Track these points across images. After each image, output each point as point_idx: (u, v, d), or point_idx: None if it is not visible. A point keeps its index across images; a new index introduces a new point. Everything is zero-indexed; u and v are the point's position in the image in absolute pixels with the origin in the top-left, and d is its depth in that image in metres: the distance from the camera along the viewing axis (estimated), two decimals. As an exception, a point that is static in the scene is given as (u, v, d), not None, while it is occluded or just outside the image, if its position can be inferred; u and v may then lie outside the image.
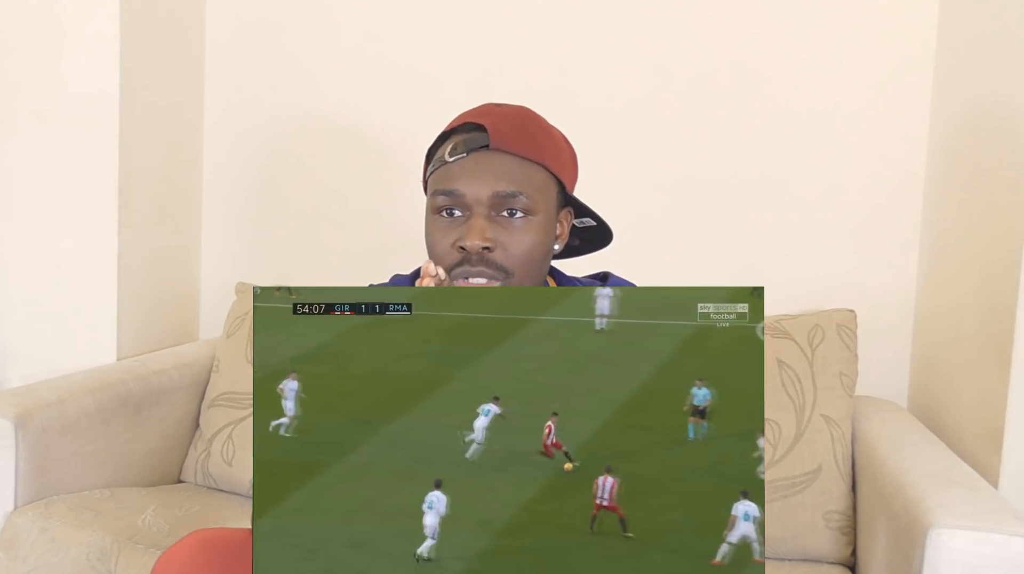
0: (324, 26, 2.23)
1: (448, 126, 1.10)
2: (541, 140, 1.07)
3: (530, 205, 1.04)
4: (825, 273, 1.95)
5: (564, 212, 1.12)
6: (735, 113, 1.98)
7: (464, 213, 1.04)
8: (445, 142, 1.08)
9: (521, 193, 1.03)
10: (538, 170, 1.05)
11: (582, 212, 1.15)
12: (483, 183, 1.02)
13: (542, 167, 1.06)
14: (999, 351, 1.44)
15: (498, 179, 1.02)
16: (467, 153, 1.03)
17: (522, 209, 1.04)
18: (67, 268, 2.06)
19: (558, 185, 1.09)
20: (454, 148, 1.04)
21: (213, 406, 2.00)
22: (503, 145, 1.03)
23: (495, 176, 1.02)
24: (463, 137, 1.05)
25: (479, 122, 1.05)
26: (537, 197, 1.05)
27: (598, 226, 1.17)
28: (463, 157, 1.03)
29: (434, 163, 1.08)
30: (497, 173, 1.02)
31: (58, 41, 2.01)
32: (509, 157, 1.03)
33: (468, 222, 1.03)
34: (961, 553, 1.14)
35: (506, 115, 1.07)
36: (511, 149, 1.03)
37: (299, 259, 2.29)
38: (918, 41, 1.88)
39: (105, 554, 1.55)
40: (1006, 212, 1.48)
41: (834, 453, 1.66)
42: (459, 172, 1.03)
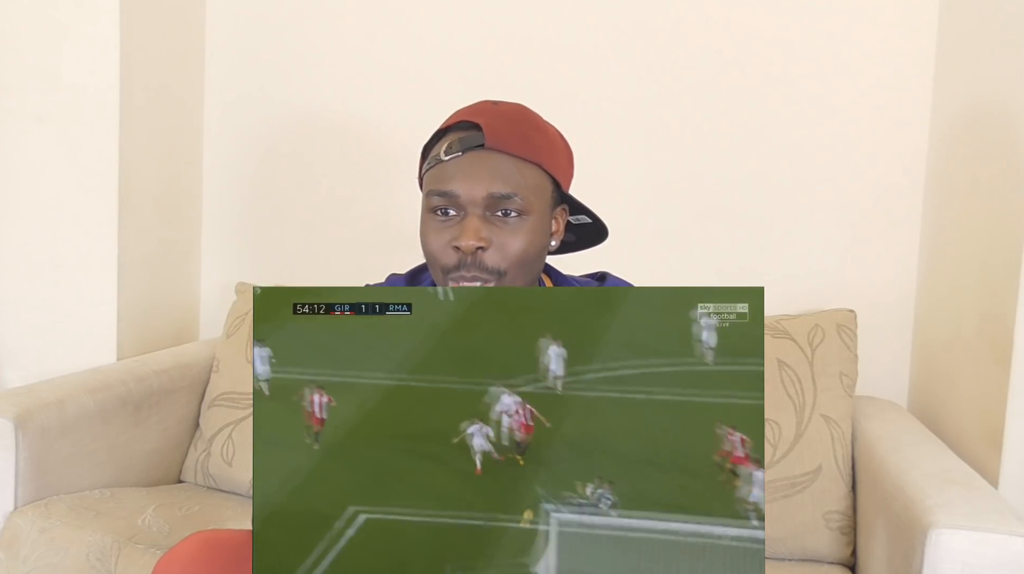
0: (324, 26, 2.23)
1: (444, 124, 1.09)
2: (537, 139, 1.06)
3: (525, 206, 1.03)
4: (825, 273, 1.95)
5: (559, 210, 1.12)
6: (734, 112, 1.98)
7: (459, 213, 1.04)
8: (440, 140, 1.07)
9: (516, 194, 1.02)
10: (533, 170, 1.05)
11: (577, 210, 1.14)
12: (478, 184, 1.02)
13: (537, 167, 1.05)
14: (999, 351, 1.44)
15: (493, 180, 1.02)
16: (462, 152, 1.03)
17: (517, 210, 1.03)
18: (67, 268, 2.06)
19: (553, 183, 1.09)
20: (449, 147, 1.04)
21: (213, 406, 2.00)
22: (498, 145, 1.02)
23: (490, 177, 1.02)
24: (458, 136, 1.04)
25: (475, 121, 1.04)
26: (532, 197, 1.04)
27: (594, 223, 1.17)
28: (458, 156, 1.03)
29: (429, 161, 1.07)
30: (492, 174, 1.02)
31: (58, 41, 2.01)
32: (504, 157, 1.03)
33: (463, 222, 1.03)
34: (961, 553, 1.14)
35: (502, 113, 1.06)
36: (506, 149, 1.03)
37: (299, 259, 2.29)
38: (918, 41, 1.88)
39: (105, 554, 1.55)
40: (1006, 212, 1.48)
41: (834, 453, 1.66)
42: (454, 172, 1.03)
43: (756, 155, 1.98)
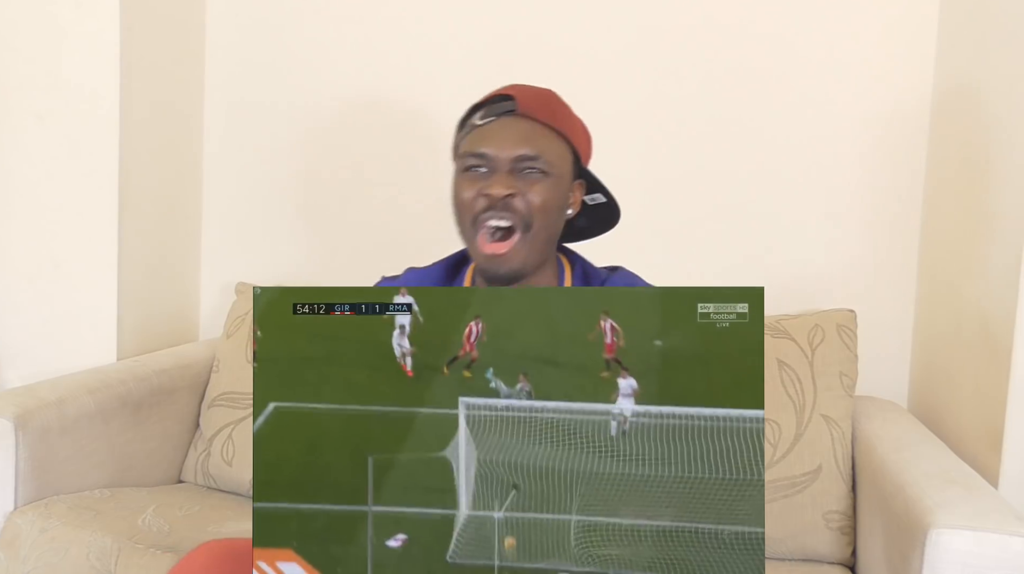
0: (324, 26, 2.23)
1: (479, 100, 1.19)
2: (561, 113, 1.18)
3: (548, 168, 1.13)
4: (825, 273, 1.95)
5: (577, 183, 1.21)
6: (735, 112, 1.98)
7: (489, 170, 1.13)
8: (476, 111, 1.18)
9: (541, 156, 1.12)
10: (557, 138, 1.15)
11: (593, 188, 1.23)
12: (507, 145, 1.12)
13: (561, 137, 1.16)
14: (999, 351, 1.44)
15: (522, 142, 1.12)
16: (495, 117, 1.14)
17: (540, 170, 1.13)
18: (67, 268, 2.06)
19: (574, 155, 1.18)
20: (483, 114, 1.16)
21: (213, 406, 2.00)
22: (528, 112, 1.14)
23: (519, 139, 1.12)
24: (492, 106, 1.16)
25: (508, 93, 1.16)
26: (555, 162, 1.14)
27: (607, 204, 1.24)
28: (492, 121, 1.14)
29: (465, 129, 1.18)
30: (521, 137, 1.12)
31: (58, 41, 2.01)
32: (533, 123, 1.14)
33: (492, 176, 1.13)
34: (961, 553, 1.14)
35: (533, 89, 1.19)
36: (536, 116, 1.14)
37: (299, 259, 2.29)
38: (918, 39, 1.88)
39: (105, 554, 1.55)
40: (1006, 212, 1.48)
41: (834, 453, 1.66)
42: (487, 135, 1.13)
43: (757, 156, 1.98)
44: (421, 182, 2.13)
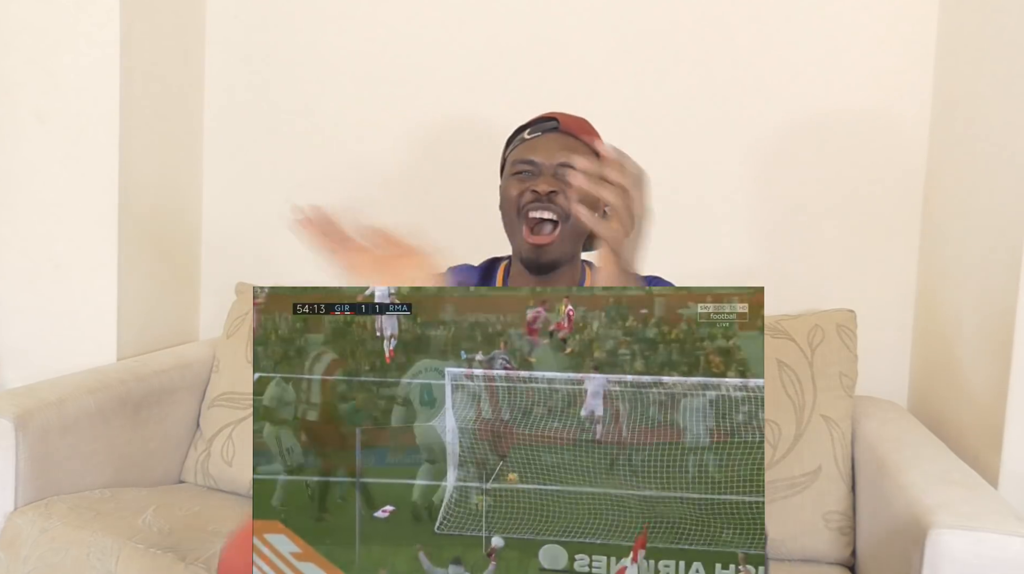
0: (324, 26, 2.23)
1: (525, 123, 1.38)
2: (593, 133, 1.37)
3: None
4: (825, 273, 1.95)
5: None
6: (734, 112, 1.98)
7: (535, 173, 1.31)
8: (523, 130, 1.37)
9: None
10: (590, 153, 1.29)
11: None
12: (552, 153, 1.30)
13: (594, 151, 1.29)
14: (999, 351, 1.44)
15: (564, 152, 1.29)
16: (542, 133, 1.33)
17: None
18: (67, 268, 2.06)
19: None
20: (531, 131, 1.35)
21: (213, 406, 2.00)
22: (569, 129, 1.34)
23: (562, 149, 1.30)
24: (539, 124, 1.36)
25: (551, 116, 1.36)
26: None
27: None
28: (538, 135, 1.34)
29: (515, 143, 1.37)
30: (564, 147, 1.30)
31: (58, 41, 2.01)
32: (572, 139, 1.32)
33: (538, 177, 1.30)
34: (961, 553, 1.14)
35: (571, 115, 1.38)
36: (575, 133, 1.33)
37: (299, 259, 2.28)
38: (918, 41, 1.88)
39: (105, 554, 1.55)
40: (1006, 212, 1.48)
41: (834, 453, 1.66)
42: (535, 146, 1.32)
43: (757, 156, 1.98)
44: (421, 182, 2.14)
